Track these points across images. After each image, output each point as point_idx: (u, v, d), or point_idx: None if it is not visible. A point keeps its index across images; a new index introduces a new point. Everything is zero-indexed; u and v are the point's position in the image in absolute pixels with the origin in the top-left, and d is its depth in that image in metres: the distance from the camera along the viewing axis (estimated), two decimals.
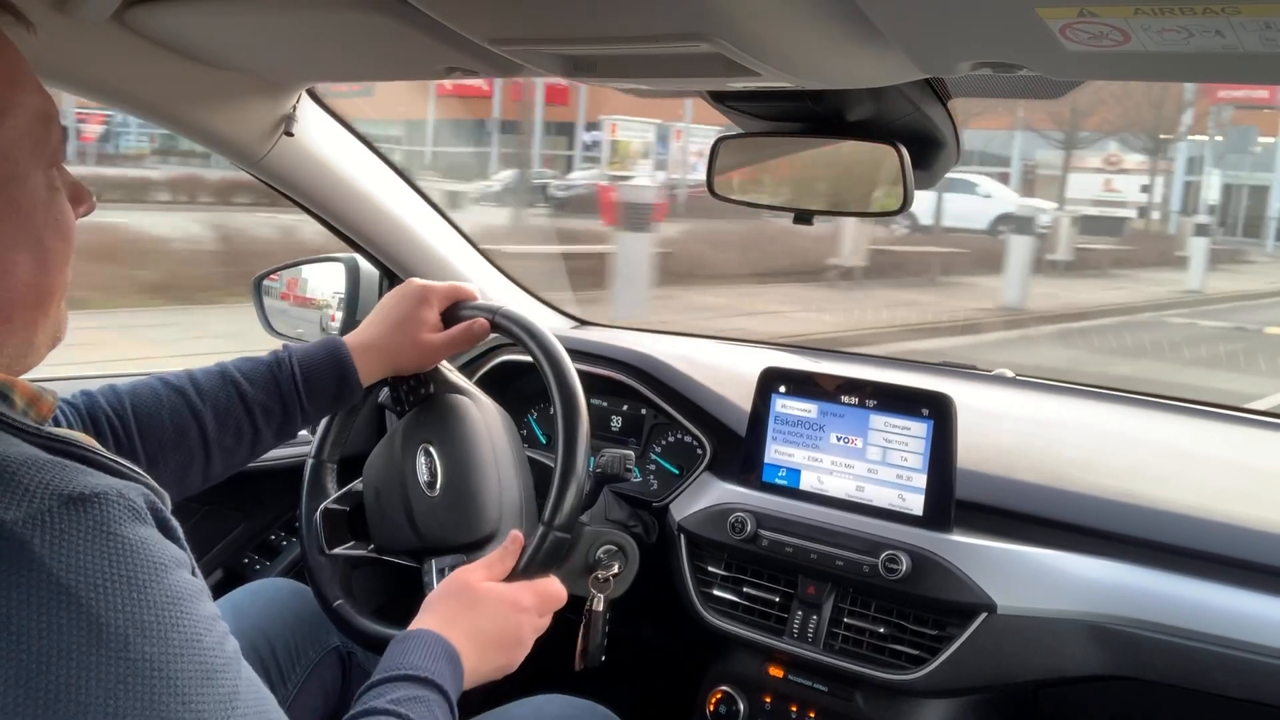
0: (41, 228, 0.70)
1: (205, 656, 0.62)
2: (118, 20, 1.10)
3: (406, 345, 1.19)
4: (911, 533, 1.23)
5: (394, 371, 1.22)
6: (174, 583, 0.62)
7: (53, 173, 0.72)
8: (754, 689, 1.37)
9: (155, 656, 0.59)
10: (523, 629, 1.03)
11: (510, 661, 1.03)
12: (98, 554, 0.59)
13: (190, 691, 0.60)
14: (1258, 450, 1.43)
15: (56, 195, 0.72)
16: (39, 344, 0.73)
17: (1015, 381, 1.68)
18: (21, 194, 0.68)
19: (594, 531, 1.29)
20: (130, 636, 0.59)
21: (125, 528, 0.61)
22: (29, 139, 0.69)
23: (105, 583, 0.59)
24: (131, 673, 0.58)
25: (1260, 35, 0.68)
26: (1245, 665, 1.05)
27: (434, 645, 0.93)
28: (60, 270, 0.73)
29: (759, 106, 1.20)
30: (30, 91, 0.70)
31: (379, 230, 1.66)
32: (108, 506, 0.60)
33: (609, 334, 1.86)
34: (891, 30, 0.81)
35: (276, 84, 1.39)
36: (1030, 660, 1.17)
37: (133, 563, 0.60)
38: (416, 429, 1.25)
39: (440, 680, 0.90)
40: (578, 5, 0.84)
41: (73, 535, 0.59)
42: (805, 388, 1.34)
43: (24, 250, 0.69)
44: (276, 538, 1.71)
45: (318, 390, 1.15)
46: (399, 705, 0.84)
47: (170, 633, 0.60)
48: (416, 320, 1.20)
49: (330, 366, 1.16)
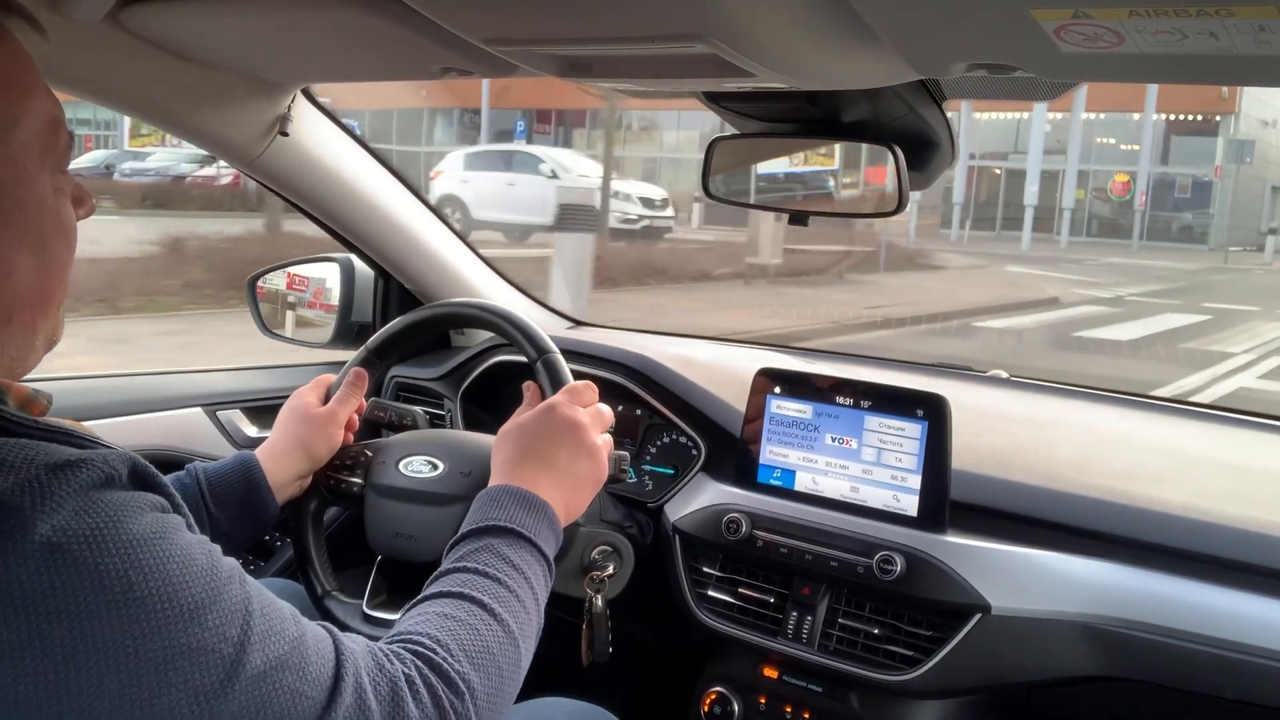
0: (46, 231, 0.71)
1: (206, 576, 0.65)
2: (112, 20, 1.10)
3: (303, 428, 1.23)
4: (906, 533, 1.23)
5: (311, 461, 1.24)
6: (155, 520, 0.65)
7: (59, 177, 0.73)
8: (749, 689, 1.37)
9: (159, 589, 0.62)
10: (585, 436, 1.04)
11: (596, 469, 1.05)
12: (86, 510, 0.61)
13: (201, 611, 0.63)
14: (1251, 451, 1.44)
15: (61, 199, 0.73)
16: (38, 346, 0.74)
17: (1010, 382, 1.68)
18: (28, 197, 0.69)
19: (589, 532, 1.29)
20: (131, 578, 0.61)
21: (102, 490, 0.63)
22: (38, 143, 0.70)
23: (97, 534, 0.61)
24: (141, 611, 0.61)
25: (1254, 37, 0.68)
26: (1238, 666, 1.05)
27: (497, 496, 0.95)
28: (62, 273, 0.74)
29: (754, 108, 1.20)
30: (40, 97, 0.71)
31: (373, 230, 1.66)
32: (91, 470, 0.63)
33: (604, 334, 1.86)
34: (886, 31, 0.81)
35: (271, 84, 1.38)
36: (1024, 661, 1.17)
37: (116, 511, 0.62)
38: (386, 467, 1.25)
39: (507, 522, 0.91)
40: (573, 6, 0.84)
41: (60, 495, 0.61)
42: (800, 388, 1.34)
43: (28, 252, 0.69)
44: (270, 539, 1.71)
45: (229, 504, 1.15)
46: (460, 562, 0.86)
47: (166, 563, 0.63)
48: (303, 406, 1.25)
49: (239, 478, 1.16)
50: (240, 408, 1.69)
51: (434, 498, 1.21)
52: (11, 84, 0.68)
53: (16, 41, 0.69)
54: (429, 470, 1.23)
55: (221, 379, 1.76)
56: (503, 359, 1.70)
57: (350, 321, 1.81)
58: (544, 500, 0.96)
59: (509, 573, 0.87)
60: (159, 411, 1.60)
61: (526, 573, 0.88)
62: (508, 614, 0.83)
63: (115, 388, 1.61)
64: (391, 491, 1.23)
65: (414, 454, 1.25)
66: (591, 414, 1.07)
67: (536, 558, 0.91)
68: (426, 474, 1.23)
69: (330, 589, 1.24)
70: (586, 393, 1.10)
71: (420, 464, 1.24)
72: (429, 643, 0.77)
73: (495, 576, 0.86)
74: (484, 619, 0.82)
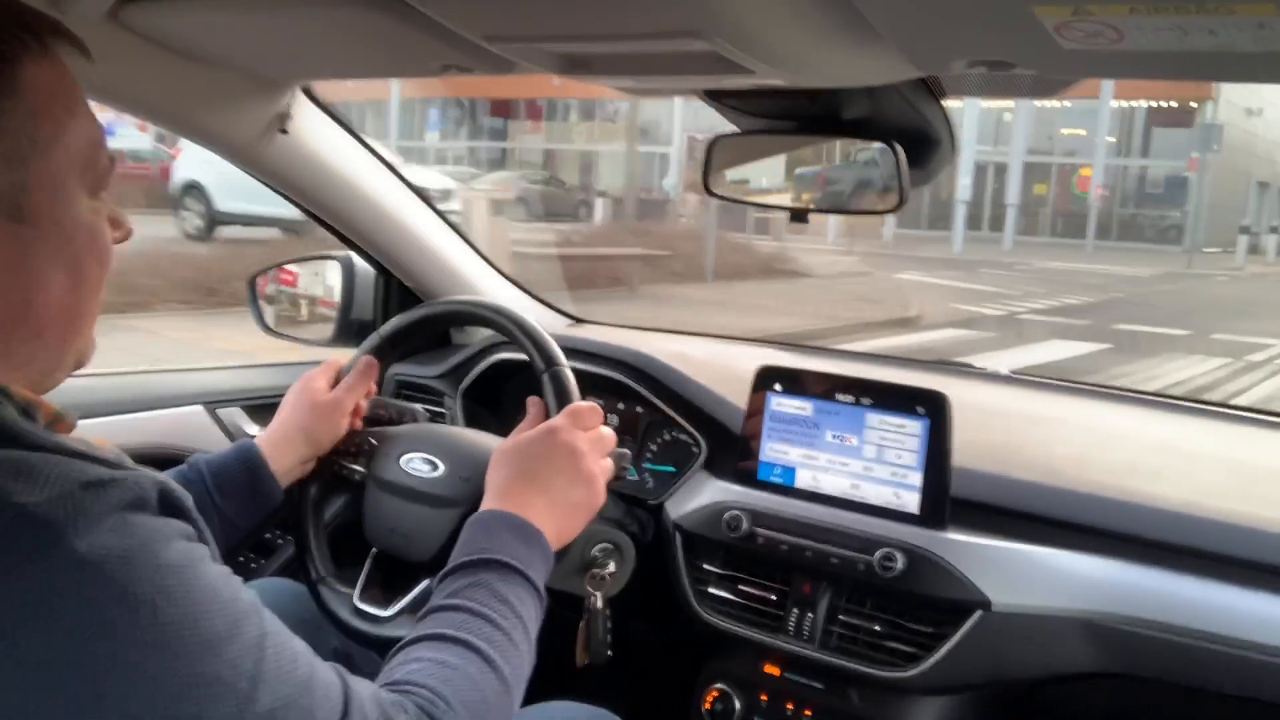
0: (81, 250, 0.71)
1: (228, 608, 0.65)
2: (112, 18, 1.10)
3: (308, 415, 1.23)
4: (907, 530, 1.23)
5: (314, 446, 1.24)
6: (185, 548, 0.65)
7: (97, 198, 0.73)
8: (750, 687, 1.37)
9: (184, 617, 0.62)
10: (583, 463, 1.04)
11: (591, 497, 1.04)
12: (118, 531, 0.62)
13: (220, 643, 0.64)
14: (1251, 447, 1.44)
15: (99, 220, 0.73)
16: (66, 364, 0.74)
17: (1010, 379, 1.68)
18: (66, 216, 0.70)
19: (589, 530, 1.29)
20: (158, 603, 0.61)
21: (132, 512, 0.63)
22: (78, 163, 0.70)
23: (128, 555, 0.61)
24: (164, 636, 0.61)
25: (1253, 34, 0.68)
26: (1239, 662, 1.05)
27: (489, 523, 0.95)
28: (94, 294, 0.74)
29: (755, 105, 1.20)
30: (83, 117, 0.71)
31: (374, 227, 1.66)
32: (123, 490, 0.63)
33: (604, 332, 1.86)
34: (887, 29, 0.81)
35: (271, 81, 1.39)
36: (1025, 657, 1.17)
37: (148, 536, 0.63)
38: (388, 459, 1.25)
39: (501, 555, 0.91)
40: (573, 3, 0.84)
41: (94, 514, 0.61)
42: (800, 386, 1.34)
43: (62, 270, 0.70)
44: (271, 536, 1.71)
45: (232, 493, 1.15)
46: (454, 598, 0.86)
47: (192, 592, 0.63)
48: (309, 392, 1.24)
49: (241, 466, 1.16)
50: (241, 405, 1.69)
51: (431, 499, 1.21)
52: (55, 103, 0.69)
53: (62, 62, 0.71)
54: (429, 470, 1.23)
55: (222, 377, 1.76)
56: (503, 357, 1.70)
57: (351, 319, 1.81)
58: (537, 528, 0.96)
59: (504, 613, 0.87)
60: (160, 410, 1.60)
61: (520, 611, 0.89)
62: (503, 660, 0.84)
63: (116, 386, 1.61)
64: (391, 487, 1.23)
65: (416, 451, 1.25)
66: (592, 439, 1.06)
67: (530, 592, 0.91)
68: (426, 474, 1.23)
69: (324, 574, 1.24)
70: (590, 416, 1.08)
71: (421, 462, 1.24)
72: (430, 695, 0.78)
73: (491, 619, 0.86)
74: (481, 668, 0.83)
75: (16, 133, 0.66)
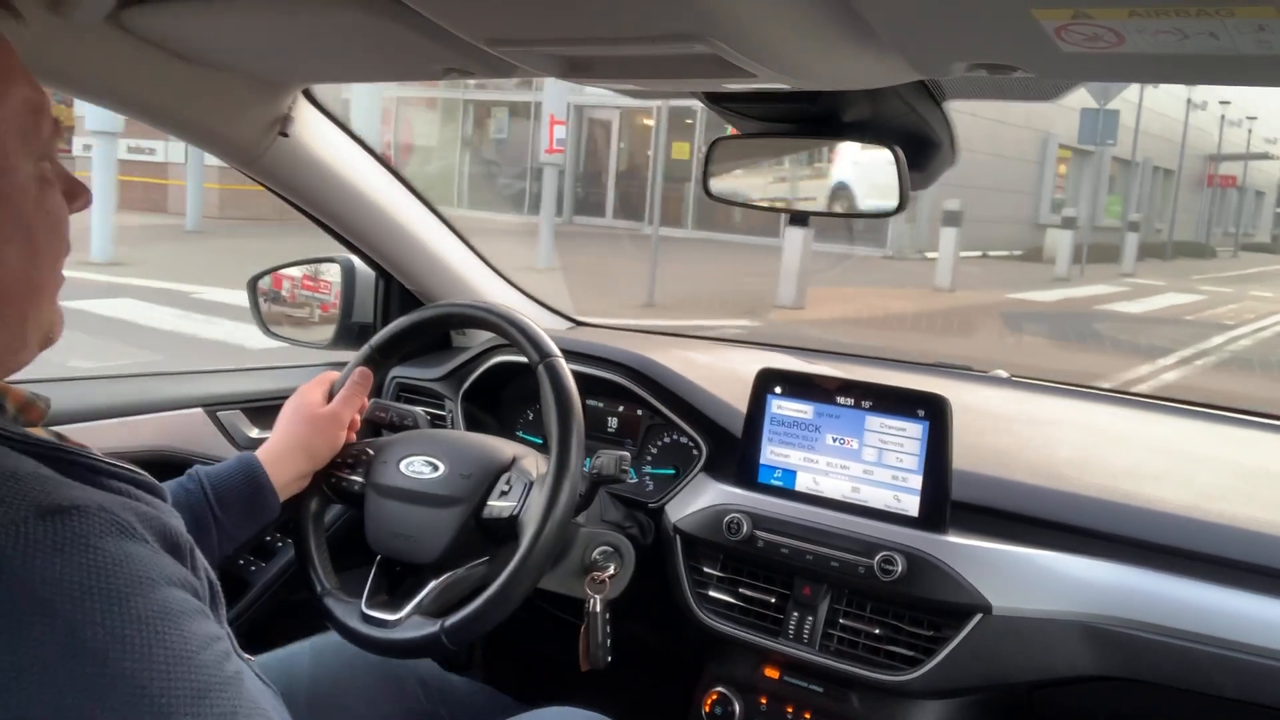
0: (31, 220, 0.69)
1: (197, 674, 0.59)
2: (112, 21, 1.10)
3: (306, 429, 1.23)
4: (907, 534, 1.23)
5: (312, 461, 1.24)
6: (162, 598, 0.60)
7: (44, 165, 0.71)
8: (749, 690, 1.37)
9: (137, 673, 0.57)
10: None
11: None
12: (74, 566, 0.57)
13: (176, 711, 0.57)
14: (1252, 450, 1.44)
15: (48, 188, 0.71)
16: (30, 342, 0.72)
17: (1010, 382, 1.68)
18: (10, 186, 0.67)
19: (590, 533, 1.29)
20: (110, 651, 0.56)
21: (106, 541, 0.59)
22: (17, 130, 0.68)
23: (83, 596, 0.56)
24: (111, 688, 0.56)
25: (1254, 37, 0.68)
26: (1240, 666, 1.05)
27: None
28: (52, 265, 0.72)
29: (755, 108, 1.20)
30: (19, 83, 0.69)
31: (374, 231, 1.66)
32: (87, 519, 0.59)
33: (605, 335, 1.86)
34: (887, 32, 0.81)
35: (272, 85, 1.39)
36: (1025, 661, 1.17)
37: (113, 576, 0.58)
38: (387, 466, 1.26)
39: None
40: (573, 6, 0.84)
41: (47, 547, 0.57)
42: (801, 389, 1.34)
43: (13, 243, 0.68)
44: (271, 539, 1.71)
45: (232, 506, 1.15)
46: None
47: (155, 649, 0.58)
48: (306, 406, 1.25)
49: (242, 480, 1.16)
50: (241, 408, 1.69)
51: (434, 499, 1.21)
52: None
53: None
54: (429, 471, 1.23)
55: (222, 380, 1.76)
56: (503, 359, 1.70)
57: (351, 322, 1.81)
58: None
59: None
60: (159, 412, 1.60)
61: None
62: None
63: (115, 389, 1.61)
64: (392, 491, 1.23)
65: (415, 454, 1.25)
66: None
67: None
68: (427, 475, 1.23)
69: (330, 587, 1.24)
70: None
71: (421, 464, 1.24)
72: None
73: None
74: None
75: None
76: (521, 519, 1.18)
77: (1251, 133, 30.03)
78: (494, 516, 1.20)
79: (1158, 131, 23.63)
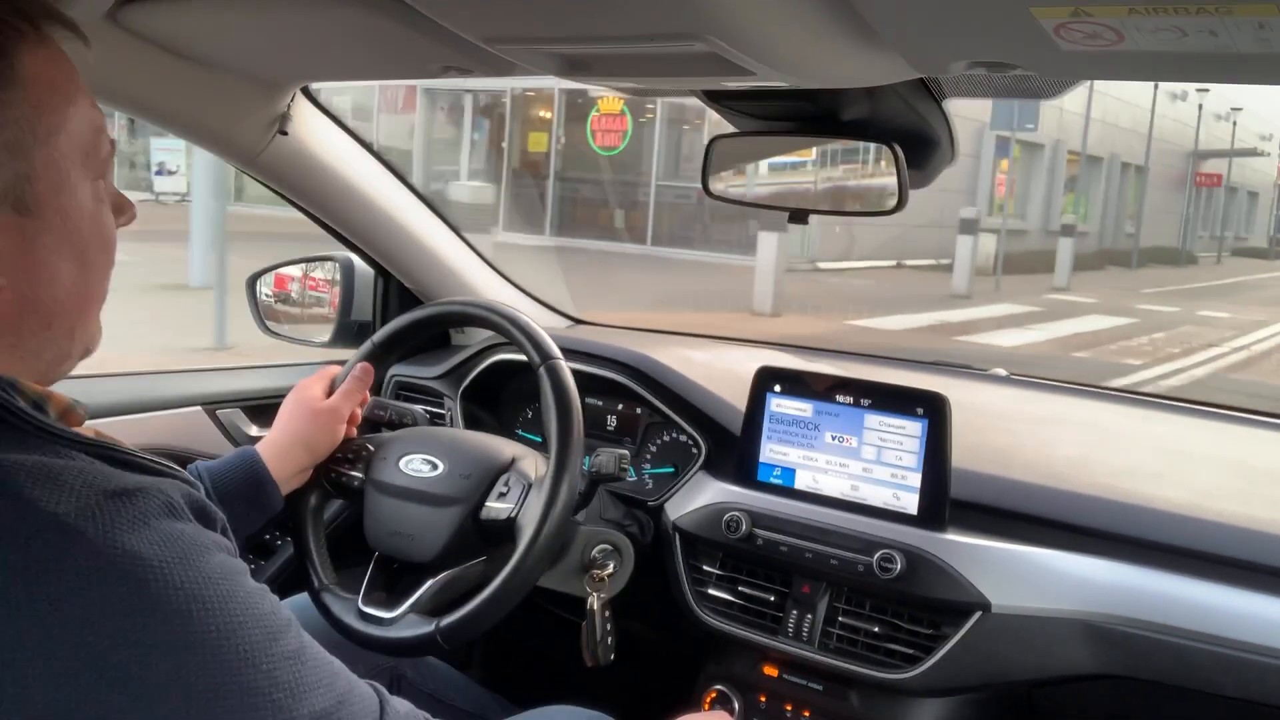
0: (86, 238, 0.71)
1: (265, 621, 0.65)
2: (111, 19, 1.10)
3: (307, 424, 1.24)
4: (906, 532, 1.23)
5: (312, 455, 1.25)
6: (220, 561, 0.65)
7: (99, 184, 0.73)
8: (749, 688, 1.37)
9: (220, 627, 0.62)
10: None
11: None
12: (147, 540, 0.61)
13: (258, 655, 0.63)
14: (1251, 448, 1.44)
15: (102, 207, 0.73)
16: (74, 353, 0.74)
17: (1010, 380, 1.68)
18: (70, 204, 0.69)
19: (589, 531, 1.30)
20: (192, 611, 0.61)
21: (165, 520, 0.64)
22: (80, 150, 0.70)
23: (160, 564, 0.61)
24: (198, 645, 0.61)
25: (1254, 35, 0.68)
26: (1240, 664, 1.05)
27: None
28: (100, 280, 0.74)
29: (754, 106, 1.20)
30: (83, 104, 0.71)
31: (373, 229, 1.66)
32: (149, 499, 0.63)
33: (604, 333, 1.86)
34: (886, 30, 0.81)
35: (271, 83, 1.38)
36: (1025, 659, 1.17)
37: (180, 544, 0.63)
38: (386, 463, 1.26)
39: None
40: (573, 5, 0.84)
41: (123, 523, 0.61)
42: (800, 387, 1.34)
43: (68, 259, 0.69)
44: (271, 537, 1.71)
45: (233, 500, 1.15)
46: None
47: (229, 603, 0.63)
48: (306, 400, 1.26)
49: (243, 474, 1.17)
50: (240, 407, 1.69)
51: (432, 498, 1.21)
52: (55, 91, 0.69)
53: (60, 50, 0.70)
54: (429, 470, 1.23)
55: (222, 378, 1.76)
56: (503, 358, 1.70)
57: (350, 320, 1.81)
58: None
59: None
60: (159, 411, 1.60)
61: None
62: None
63: (115, 387, 1.61)
64: (391, 489, 1.23)
65: (414, 452, 1.25)
66: None
67: None
68: (426, 474, 1.23)
69: (328, 582, 1.24)
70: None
71: (420, 463, 1.24)
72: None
73: None
74: None
75: (18, 124, 0.65)
76: (519, 521, 1.18)
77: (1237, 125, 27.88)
78: (492, 518, 1.20)
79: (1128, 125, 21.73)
